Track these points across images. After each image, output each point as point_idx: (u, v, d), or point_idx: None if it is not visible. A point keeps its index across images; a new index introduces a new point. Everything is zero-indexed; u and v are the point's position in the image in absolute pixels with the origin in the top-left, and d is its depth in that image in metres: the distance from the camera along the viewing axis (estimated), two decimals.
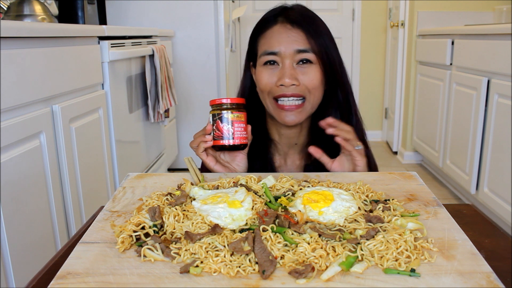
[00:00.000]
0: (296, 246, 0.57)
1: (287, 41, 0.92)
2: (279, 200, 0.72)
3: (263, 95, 0.97)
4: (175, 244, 0.59)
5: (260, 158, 1.02)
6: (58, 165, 1.36)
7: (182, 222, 0.64)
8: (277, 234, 0.60)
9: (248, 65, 1.05)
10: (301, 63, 0.93)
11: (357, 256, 0.55)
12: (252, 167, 0.99)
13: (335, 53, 0.96)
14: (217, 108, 0.90)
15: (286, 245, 0.58)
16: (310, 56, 0.92)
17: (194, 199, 0.73)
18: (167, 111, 2.36)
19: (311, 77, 0.92)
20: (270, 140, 1.06)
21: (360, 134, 1.02)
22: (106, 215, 0.70)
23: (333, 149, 0.99)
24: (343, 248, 0.57)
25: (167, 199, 0.73)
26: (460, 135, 2.43)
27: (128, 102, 1.99)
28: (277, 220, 0.64)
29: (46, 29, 1.30)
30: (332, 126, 0.89)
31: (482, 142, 2.20)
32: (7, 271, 1.10)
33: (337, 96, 0.99)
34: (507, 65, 1.93)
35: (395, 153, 3.60)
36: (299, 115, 0.95)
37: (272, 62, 0.93)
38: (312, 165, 1.02)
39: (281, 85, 0.91)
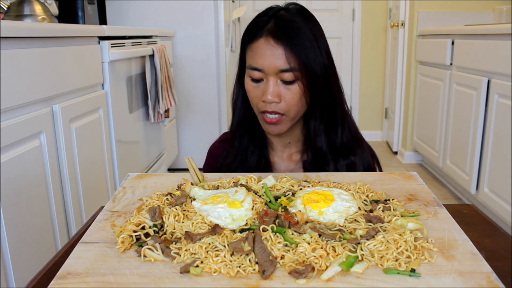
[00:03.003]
0: (296, 246, 0.57)
1: (270, 60, 0.91)
2: (279, 200, 0.72)
3: (252, 106, 0.99)
4: (175, 244, 0.59)
5: (257, 154, 1.04)
6: (58, 165, 1.36)
7: (182, 222, 0.64)
8: (277, 234, 0.60)
9: (244, 59, 1.04)
10: (283, 82, 0.93)
11: (357, 256, 0.55)
12: (249, 164, 1.01)
13: (319, 65, 0.93)
14: None
15: (286, 245, 0.58)
16: (291, 76, 0.91)
17: (194, 199, 0.73)
18: (167, 111, 2.36)
19: (291, 95, 0.93)
20: (266, 138, 1.07)
21: (351, 141, 1.01)
22: (106, 215, 0.70)
23: (323, 152, 0.99)
24: (343, 248, 0.57)
25: (167, 199, 0.73)
26: (460, 135, 2.43)
27: (128, 102, 1.99)
28: (277, 220, 0.64)
29: (46, 29, 1.30)
30: None
31: (482, 142, 2.20)
32: (7, 271, 1.10)
33: (322, 106, 0.97)
34: (507, 65, 1.93)
35: (395, 153, 3.60)
36: (280, 127, 0.96)
37: (257, 80, 0.94)
38: (309, 161, 1.02)
39: (264, 100, 0.93)
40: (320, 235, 0.60)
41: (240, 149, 1.04)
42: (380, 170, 1.07)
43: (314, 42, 0.93)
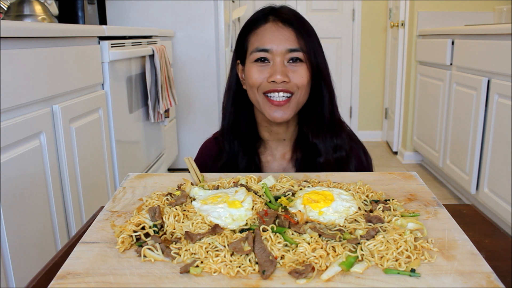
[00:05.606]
0: (296, 246, 0.57)
1: (279, 39, 0.94)
2: (279, 200, 0.72)
3: (252, 90, 0.98)
4: (175, 244, 0.59)
5: (247, 159, 1.04)
6: (58, 165, 1.36)
7: (182, 222, 0.64)
8: (277, 234, 0.60)
9: (235, 63, 1.06)
10: (291, 61, 0.95)
11: (357, 256, 0.55)
12: (239, 165, 1.02)
13: (321, 55, 0.99)
14: None
15: (286, 245, 0.58)
16: (300, 55, 0.95)
17: (194, 199, 0.73)
18: (167, 111, 2.36)
19: (301, 74, 0.95)
20: (259, 139, 1.07)
21: (341, 137, 1.03)
22: (106, 215, 0.70)
23: (316, 147, 1.01)
24: (343, 248, 0.57)
25: (167, 199, 0.73)
26: (460, 135, 2.43)
27: (128, 102, 1.99)
28: (277, 220, 0.64)
29: (46, 29, 1.30)
30: None
31: (482, 142, 2.20)
32: (7, 271, 1.10)
33: (323, 96, 1.01)
34: (507, 65, 1.93)
35: (395, 153, 3.60)
36: (287, 111, 0.97)
37: (263, 60, 0.95)
38: (302, 159, 1.03)
39: (273, 81, 0.94)
40: (320, 235, 0.60)
41: (230, 153, 1.04)
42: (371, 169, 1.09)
43: (316, 34, 0.99)
